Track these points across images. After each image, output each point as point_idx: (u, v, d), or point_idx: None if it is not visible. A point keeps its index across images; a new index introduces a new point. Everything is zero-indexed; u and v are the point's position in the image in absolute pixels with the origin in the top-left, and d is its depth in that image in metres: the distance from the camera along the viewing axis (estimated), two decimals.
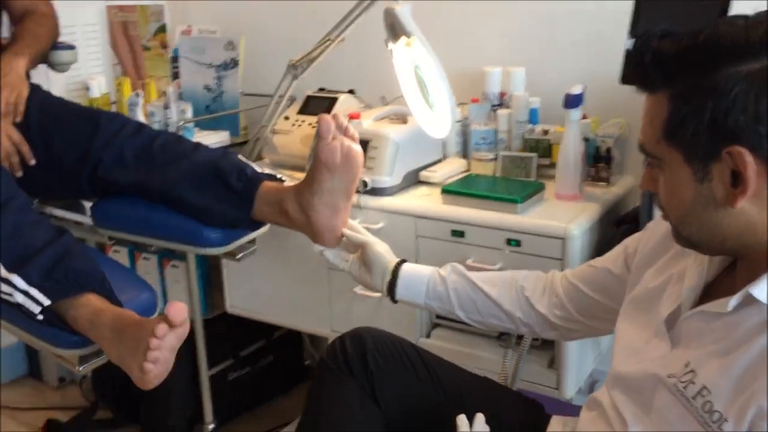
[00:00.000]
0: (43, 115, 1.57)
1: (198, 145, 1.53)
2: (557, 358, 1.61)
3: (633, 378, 0.97)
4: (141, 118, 2.05)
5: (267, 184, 1.44)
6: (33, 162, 1.52)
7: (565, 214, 1.58)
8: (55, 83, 2.22)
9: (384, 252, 1.37)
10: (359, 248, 1.39)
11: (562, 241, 1.52)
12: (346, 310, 1.85)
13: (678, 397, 0.89)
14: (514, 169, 1.77)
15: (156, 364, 1.05)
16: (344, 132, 1.36)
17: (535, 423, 1.22)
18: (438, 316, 1.76)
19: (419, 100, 1.51)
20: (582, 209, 1.61)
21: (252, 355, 2.35)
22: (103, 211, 1.52)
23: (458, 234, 1.63)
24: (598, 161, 1.75)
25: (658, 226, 1.10)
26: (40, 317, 1.14)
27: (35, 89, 1.64)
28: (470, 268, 1.59)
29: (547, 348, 1.64)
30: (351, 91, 2.02)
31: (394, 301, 1.37)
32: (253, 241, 1.57)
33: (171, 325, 1.04)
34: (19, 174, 1.51)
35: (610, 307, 1.19)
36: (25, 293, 1.14)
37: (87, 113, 1.57)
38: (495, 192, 1.63)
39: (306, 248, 1.44)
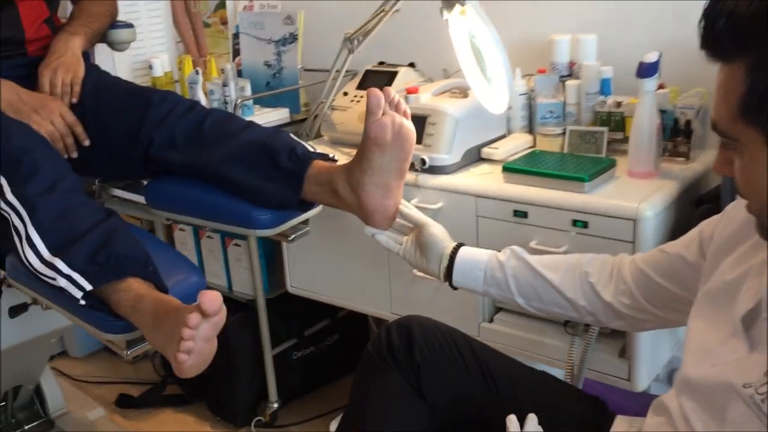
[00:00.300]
0: (98, 95, 1.56)
1: (250, 123, 1.49)
2: (629, 347, 1.50)
3: (704, 384, 0.87)
4: (200, 96, 2.03)
5: (318, 163, 1.38)
6: (87, 143, 1.51)
7: (637, 193, 1.46)
8: (120, 63, 2.23)
9: (440, 235, 1.29)
10: (414, 231, 1.32)
11: (633, 222, 1.41)
12: (405, 293, 1.79)
13: (754, 411, 0.78)
14: (583, 145, 1.65)
15: (190, 355, 1.02)
16: (395, 107, 1.28)
17: (599, 422, 1.13)
18: None
19: (476, 72, 1.41)
20: (657, 188, 1.49)
21: (316, 335, 2.33)
22: (155, 192, 1.50)
23: (521, 214, 1.54)
24: (677, 135, 1.61)
25: (737, 211, 0.99)
26: (83, 302, 1.13)
27: (92, 69, 1.63)
28: (533, 251, 1.50)
29: (618, 335, 1.54)
30: (411, 65, 1.94)
31: (454, 288, 1.30)
32: (306, 222, 1.52)
33: (205, 315, 1.01)
34: (75, 155, 1.51)
35: (683, 297, 1.08)
36: (68, 277, 1.12)
37: (139, 92, 1.54)
38: (560, 169, 1.53)
39: (364, 228, 1.38)
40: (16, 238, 1.19)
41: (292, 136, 1.46)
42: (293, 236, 1.51)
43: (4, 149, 1.26)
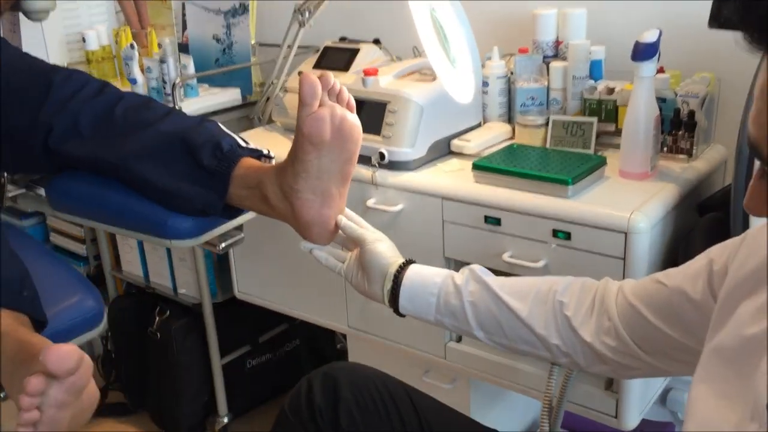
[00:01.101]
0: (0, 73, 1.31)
1: (170, 111, 1.25)
2: (617, 379, 1.28)
3: None
4: (137, 74, 1.79)
5: (247, 161, 1.14)
6: None
7: (630, 198, 1.23)
8: (51, 37, 1.98)
9: (384, 251, 1.05)
10: (357, 246, 1.08)
11: (624, 235, 1.18)
12: (363, 306, 1.56)
13: None
14: (569, 138, 1.42)
15: (36, 427, 0.79)
16: (336, 97, 1.04)
17: None
18: None
19: (439, 53, 1.17)
20: (654, 191, 1.26)
21: (273, 340, 2.11)
22: (58, 189, 1.26)
23: (493, 221, 1.31)
24: (677, 128, 1.38)
25: (760, 238, 0.76)
26: None
27: None
28: (507, 266, 1.28)
29: None
30: (376, 41, 1.69)
31: (400, 315, 1.06)
32: (240, 228, 1.28)
33: (52, 376, 0.77)
34: None
35: (684, 345, 0.86)
36: None
37: (40, 71, 1.29)
38: (540, 169, 1.29)
39: (300, 243, 1.15)
40: None
41: (220, 127, 1.21)
42: (223, 245, 1.27)
43: None
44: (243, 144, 1.19)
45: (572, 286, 0.97)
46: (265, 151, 1.20)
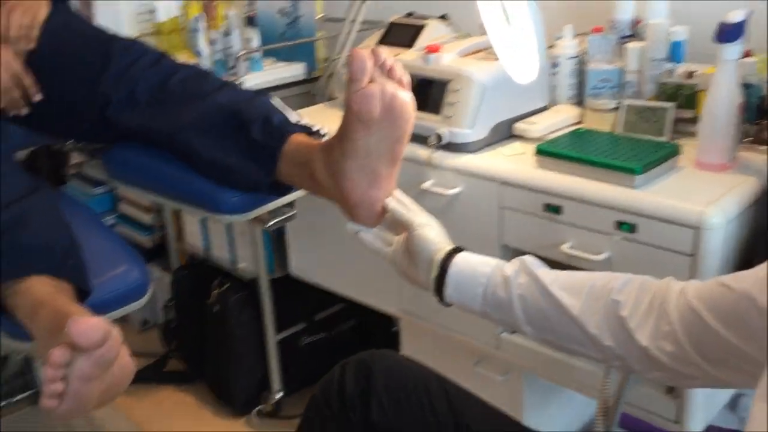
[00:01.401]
0: (58, 42, 1.32)
1: (225, 83, 1.23)
2: None
3: None
4: (202, 46, 1.78)
5: (297, 138, 1.11)
6: (38, 97, 1.28)
7: (705, 191, 1.15)
8: (124, 7, 2.00)
9: (433, 238, 1.00)
10: (404, 230, 1.04)
11: (695, 231, 1.09)
12: (416, 290, 1.51)
13: None
14: (642, 124, 1.33)
15: (62, 399, 0.78)
16: (388, 73, 0.99)
17: None
18: None
19: (500, 31, 1.10)
20: (732, 185, 1.17)
21: (329, 320, 2.09)
22: (114, 160, 1.26)
23: (553, 209, 1.24)
24: (763, 116, 1.27)
25: None
26: None
27: (58, 11, 1.39)
28: (566, 257, 1.21)
29: None
30: (443, 17, 1.63)
31: (446, 305, 1.02)
32: (291, 205, 1.26)
33: (77, 349, 0.76)
34: (24, 111, 1.28)
35: (749, 355, 0.78)
36: None
37: (101, 40, 1.30)
38: (607, 155, 1.21)
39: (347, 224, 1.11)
40: None
41: (274, 101, 1.19)
42: (273, 222, 1.25)
43: None
44: (295, 120, 1.16)
45: (631, 284, 0.90)
46: (316, 128, 1.17)
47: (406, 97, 0.99)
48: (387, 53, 0.99)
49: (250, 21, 1.89)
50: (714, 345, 0.81)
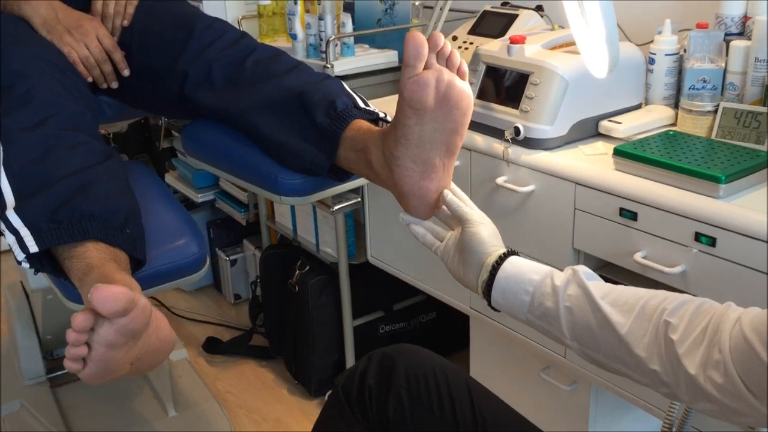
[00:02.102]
0: (150, 18, 1.37)
1: (298, 65, 1.23)
2: None
3: None
4: (298, 30, 1.80)
5: (359, 123, 1.09)
6: (127, 72, 1.33)
7: None
8: None
9: (486, 238, 0.96)
10: (458, 226, 1.00)
11: None
12: None
13: None
14: (739, 130, 1.22)
15: (86, 363, 0.80)
16: (446, 61, 0.96)
17: None
18: None
19: (578, 23, 1.03)
20: None
21: (409, 310, 2.08)
22: (189, 136, 1.29)
23: (629, 215, 1.16)
24: None
25: None
26: (25, 265, 0.95)
27: None
28: (639, 267, 1.14)
29: None
30: (539, 8, 1.56)
31: (495, 310, 0.97)
32: (356, 191, 1.25)
33: (100, 315, 0.78)
34: (114, 85, 1.34)
35: None
36: (16, 234, 0.95)
37: (187, 18, 1.33)
38: (692, 161, 1.12)
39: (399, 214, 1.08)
40: None
41: (342, 85, 1.18)
42: (337, 207, 1.24)
43: (2, 72, 1.11)
44: (361, 105, 1.14)
45: (686, 306, 0.82)
46: (382, 114, 1.15)
47: (464, 87, 0.95)
48: (447, 40, 0.96)
49: (348, 7, 1.89)
50: (765, 380, 0.73)
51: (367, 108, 1.14)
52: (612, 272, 1.27)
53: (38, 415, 1.85)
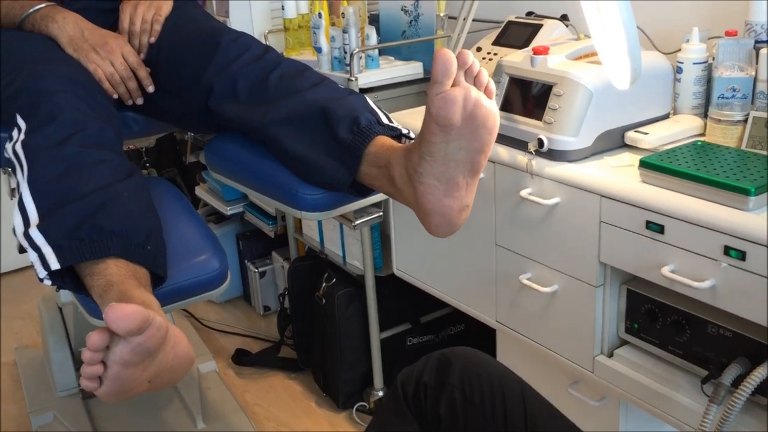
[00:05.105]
0: (176, 34, 1.38)
1: (323, 80, 1.23)
2: None
3: None
4: (323, 43, 1.81)
5: (382, 140, 1.09)
6: (151, 89, 1.35)
7: None
8: (257, 5, 2.07)
9: None
10: None
11: None
12: (512, 301, 1.46)
13: None
14: None
15: (103, 382, 0.80)
16: (474, 79, 0.95)
17: None
18: (628, 331, 1.29)
19: (599, 33, 1.01)
20: None
21: (437, 322, 2.06)
22: (212, 150, 1.30)
23: (656, 228, 1.14)
24: None
25: None
26: (48, 282, 0.96)
27: (180, 5, 1.46)
28: (668, 281, 1.12)
29: None
30: (563, 17, 1.55)
31: None
32: (378, 206, 1.24)
33: (116, 334, 0.79)
34: (140, 101, 1.36)
35: None
36: (38, 251, 0.96)
37: (212, 32, 1.34)
38: (719, 173, 1.09)
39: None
40: (15, 198, 1.05)
41: (366, 101, 1.18)
42: (359, 222, 1.24)
43: (28, 90, 1.13)
44: (384, 121, 1.14)
45: None
46: (405, 131, 1.14)
47: (491, 106, 0.95)
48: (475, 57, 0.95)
49: (372, 19, 1.89)
50: None
51: (391, 124, 1.13)
52: (639, 286, 1.25)
53: (70, 426, 1.88)
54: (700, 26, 1.34)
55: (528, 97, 1.31)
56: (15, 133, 1.11)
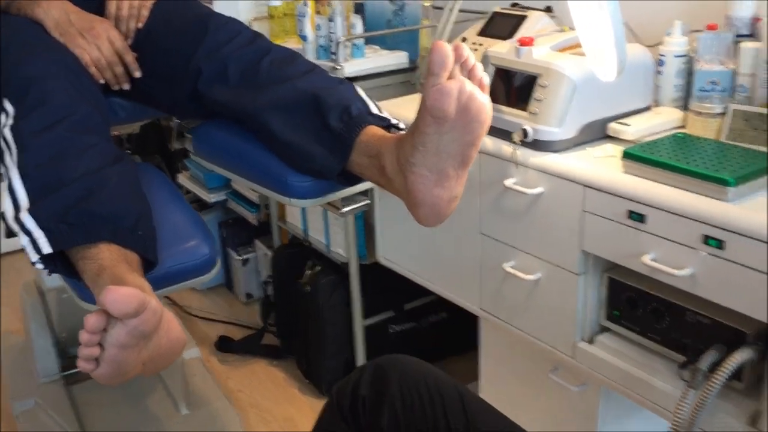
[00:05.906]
0: (164, 20, 1.38)
1: (313, 68, 1.23)
2: (766, 415, 1.10)
3: None
4: (308, 31, 1.81)
5: (372, 129, 1.10)
6: (138, 74, 1.34)
7: None
8: None
9: None
10: None
11: None
12: (496, 289, 1.48)
13: None
14: (749, 133, 1.22)
15: (99, 364, 0.81)
16: (468, 72, 0.96)
17: None
18: (609, 318, 1.32)
19: (585, 25, 1.04)
20: None
21: (419, 310, 2.09)
22: (199, 136, 1.31)
23: (637, 217, 1.16)
24: None
25: None
26: (40, 266, 0.97)
27: None
28: (648, 269, 1.15)
29: (752, 395, 1.14)
30: (548, 9, 1.56)
31: None
32: (365, 194, 1.26)
33: (112, 316, 0.80)
34: (126, 86, 1.36)
35: None
36: (30, 235, 0.97)
37: (201, 17, 1.34)
38: (699, 164, 1.12)
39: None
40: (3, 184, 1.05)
41: (356, 90, 1.19)
42: (346, 209, 1.25)
43: (16, 75, 1.12)
44: (374, 111, 1.15)
45: None
46: (395, 121, 1.15)
47: (484, 100, 0.96)
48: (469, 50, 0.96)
49: (358, 8, 1.90)
50: None
51: (381, 114, 1.14)
52: (620, 274, 1.27)
53: (52, 412, 1.87)
54: (682, 19, 1.37)
55: (513, 87, 1.33)
56: (3, 117, 1.10)
